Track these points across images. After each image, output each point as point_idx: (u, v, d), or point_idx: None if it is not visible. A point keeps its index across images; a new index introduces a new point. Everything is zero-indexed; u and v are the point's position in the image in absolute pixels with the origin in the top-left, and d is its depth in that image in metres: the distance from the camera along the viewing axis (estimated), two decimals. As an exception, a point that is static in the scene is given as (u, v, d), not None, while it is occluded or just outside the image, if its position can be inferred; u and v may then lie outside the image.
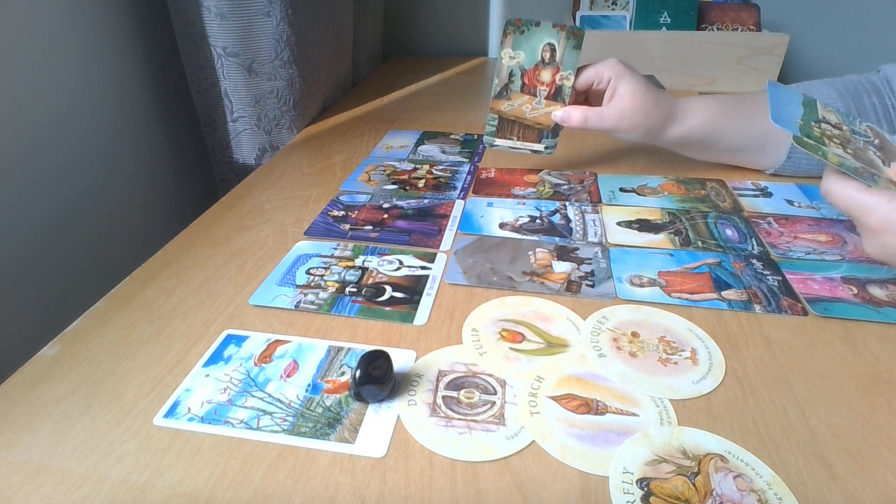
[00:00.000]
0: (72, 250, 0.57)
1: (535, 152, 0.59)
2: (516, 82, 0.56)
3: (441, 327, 0.41)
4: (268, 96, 0.69)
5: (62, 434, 0.33)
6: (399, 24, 1.18)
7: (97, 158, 0.60)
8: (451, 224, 0.53)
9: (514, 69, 0.56)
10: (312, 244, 0.50)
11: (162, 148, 0.71)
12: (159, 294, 0.44)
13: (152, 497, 0.29)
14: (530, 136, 0.59)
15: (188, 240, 0.51)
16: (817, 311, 0.41)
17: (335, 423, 0.33)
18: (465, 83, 0.99)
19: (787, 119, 0.40)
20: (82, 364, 0.37)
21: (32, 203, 0.53)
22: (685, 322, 0.41)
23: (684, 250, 0.49)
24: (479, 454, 0.31)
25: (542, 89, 0.56)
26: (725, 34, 0.90)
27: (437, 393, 0.35)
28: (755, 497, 0.28)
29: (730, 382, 0.36)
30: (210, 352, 0.38)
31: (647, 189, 0.60)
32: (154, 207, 0.70)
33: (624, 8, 0.95)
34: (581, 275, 0.46)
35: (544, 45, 0.54)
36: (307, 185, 0.62)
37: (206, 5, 0.62)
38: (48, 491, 0.29)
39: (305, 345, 0.39)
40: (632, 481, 0.29)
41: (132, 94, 0.65)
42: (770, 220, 0.53)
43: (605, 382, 0.36)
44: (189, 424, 0.33)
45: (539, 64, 0.55)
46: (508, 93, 0.57)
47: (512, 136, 0.59)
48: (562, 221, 0.53)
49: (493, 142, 0.59)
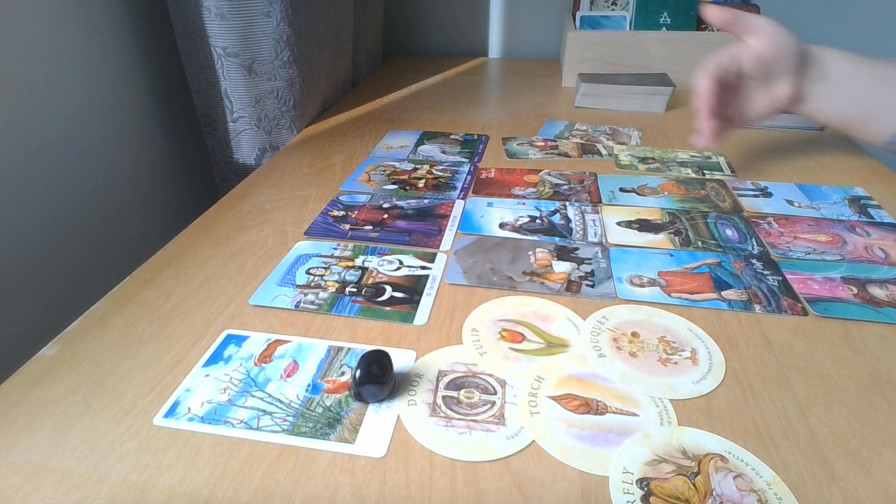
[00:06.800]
0: (72, 250, 0.57)
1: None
2: None
3: (441, 327, 0.41)
4: (268, 96, 0.69)
5: (62, 434, 0.33)
6: (399, 24, 1.18)
7: (97, 159, 0.60)
8: (451, 224, 0.53)
9: None
10: (312, 244, 0.50)
11: (162, 148, 0.71)
12: (159, 294, 0.44)
13: (152, 497, 0.29)
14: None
15: (188, 240, 0.51)
16: (817, 311, 0.41)
17: (335, 423, 0.33)
18: (465, 83, 0.99)
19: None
20: (82, 364, 0.38)
21: (32, 203, 0.53)
22: (685, 322, 0.41)
23: (684, 250, 0.49)
24: (479, 454, 0.31)
25: None
26: (725, 34, 0.90)
27: (437, 393, 0.35)
28: (755, 497, 0.28)
29: (730, 382, 0.36)
30: (210, 352, 0.38)
31: (647, 189, 0.60)
32: (154, 207, 0.70)
33: (624, 8, 0.95)
34: (581, 275, 0.46)
35: None
36: (307, 185, 0.62)
37: (207, 6, 0.62)
38: (48, 491, 0.29)
39: (305, 345, 0.39)
40: (632, 481, 0.29)
41: (133, 94, 0.65)
42: (770, 220, 0.53)
43: (605, 382, 0.36)
44: (189, 424, 0.33)
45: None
46: None
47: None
48: (562, 221, 0.53)
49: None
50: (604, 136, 0.74)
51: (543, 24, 1.13)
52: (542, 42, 1.15)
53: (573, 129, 0.77)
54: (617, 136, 0.74)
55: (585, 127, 0.78)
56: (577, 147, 0.71)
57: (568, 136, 0.75)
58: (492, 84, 0.98)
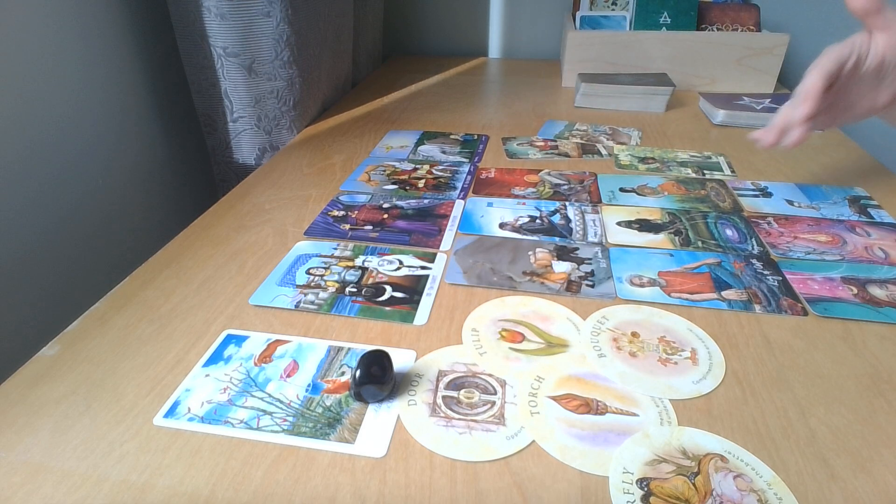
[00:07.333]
0: (72, 250, 0.57)
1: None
2: None
3: (441, 327, 0.41)
4: (268, 96, 0.69)
5: (62, 434, 0.33)
6: (399, 24, 1.18)
7: (97, 159, 0.60)
8: (451, 224, 0.53)
9: None
10: (312, 244, 0.50)
11: (162, 148, 0.71)
12: (159, 294, 0.44)
13: (152, 497, 0.29)
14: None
15: (188, 240, 0.51)
16: (817, 311, 0.41)
17: (335, 423, 0.33)
18: (465, 83, 0.99)
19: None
20: (82, 364, 0.37)
21: (32, 203, 0.53)
22: (685, 322, 0.41)
23: (684, 250, 0.49)
24: (479, 454, 0.31)
25: None
26: (725, 34, 0.90)
27: (437, 393, 0.35)
28: (755, 497, 0.28)
29: (730, 382, 0.36)
30: (210, 352, 0.38)
31: (647, 189, 0.60)
32: (154, 207, 0.70)
33: (624, 8, 0.95)
34: (581, 275, 0.46)
35: None
36: (307, 185, 0.62)
37: (206, 5, 0.62)
38: (48, 491, 0.29)
39: (305, 345, 0.39)
40: (632, 481, 0.29)
41: (132, 94, 0.65)
42: (770, 220, 0.53)
43: (605, 382, 0.36)
44: (189, 424, 0.33)
45: None
46: None
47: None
48: (562, 221, 0.53)
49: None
50: (604, 136, 0.74)
51: (543, 24, 1.13)
52: (542, 42, 1.15)
53: (573, 129, 0.77)
54: (617, 136, 0.74)
55: (585, 127, 0.78)
56: (577, 147, 0.71)
57: (568, 136, 0.75)
58: (492, 84, 0.98)
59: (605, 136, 0.74)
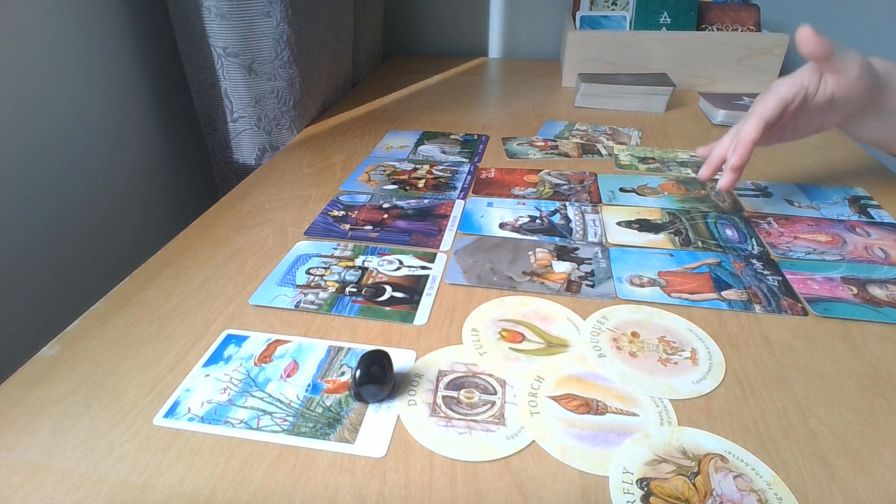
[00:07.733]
0: (71, 250, 0.57)
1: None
2: None
3: (441, 327, 0.41)
4: (268, 96, 0.69)
5: (62, 434, 0.33)
6: (399, 24, 1.18)
7: (97, 159, 0.60)
8: (451, 224, 0.53)
9: None
10: (312, 244, 0.50)
11: (162, 148, 0.71)
12: (159, 294, 0.44)
13: (152, 497, 0.29)
14: None
15: (188, 240, 0.51)
16: (817, 311, 0.41)
17: (335, 423, 0.33)
18: (465, 83, 0.99)
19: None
20: (82, 364, 0.37)
21: (32, 203, 0.53)
22: (685, 322, 0.41)
23: (684, 250, 0.49)
24: (479, 454, 0.31)
25: None
26: (725, 34, 0.90)
27: (437, 393, 0.35)
28: (755, 497, 0.28)
29: (730, 382, 0.36)
30: (210, 352, 0.38)
31: (647, 189, 0.60)
32: (154, 207, 0.70)
33: (624, 8, 0.95)
34: (581, 275, 0.46)
35: None
36: (307, 185, 0.62)
37: (206, 5, 0.62)
38: (48, 491, 0.29)
39: (305, 345, 0.39)
40: (632, 481, 0.29)
41: (132, 94, 0.65)
42: (770, 220, 0.53)
43: (605, 382, 0.36)
44: (189, 424, 0.33)
45: None
46: None
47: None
48: (562, 221, 0.53)
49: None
50: (604, 136, 0.74)
51: (543, 24, 1.13)
52: (542, 42, 1.15)
53: (573, 129, 0.77)
54: (617, 136, 0.74)
55: (585, 127, 0.78)
56: (577, 147, 0.71)
57: (568, 136, 0.75)
58: (492, 84, 0.98)
59: (605, 136, 0.74)
